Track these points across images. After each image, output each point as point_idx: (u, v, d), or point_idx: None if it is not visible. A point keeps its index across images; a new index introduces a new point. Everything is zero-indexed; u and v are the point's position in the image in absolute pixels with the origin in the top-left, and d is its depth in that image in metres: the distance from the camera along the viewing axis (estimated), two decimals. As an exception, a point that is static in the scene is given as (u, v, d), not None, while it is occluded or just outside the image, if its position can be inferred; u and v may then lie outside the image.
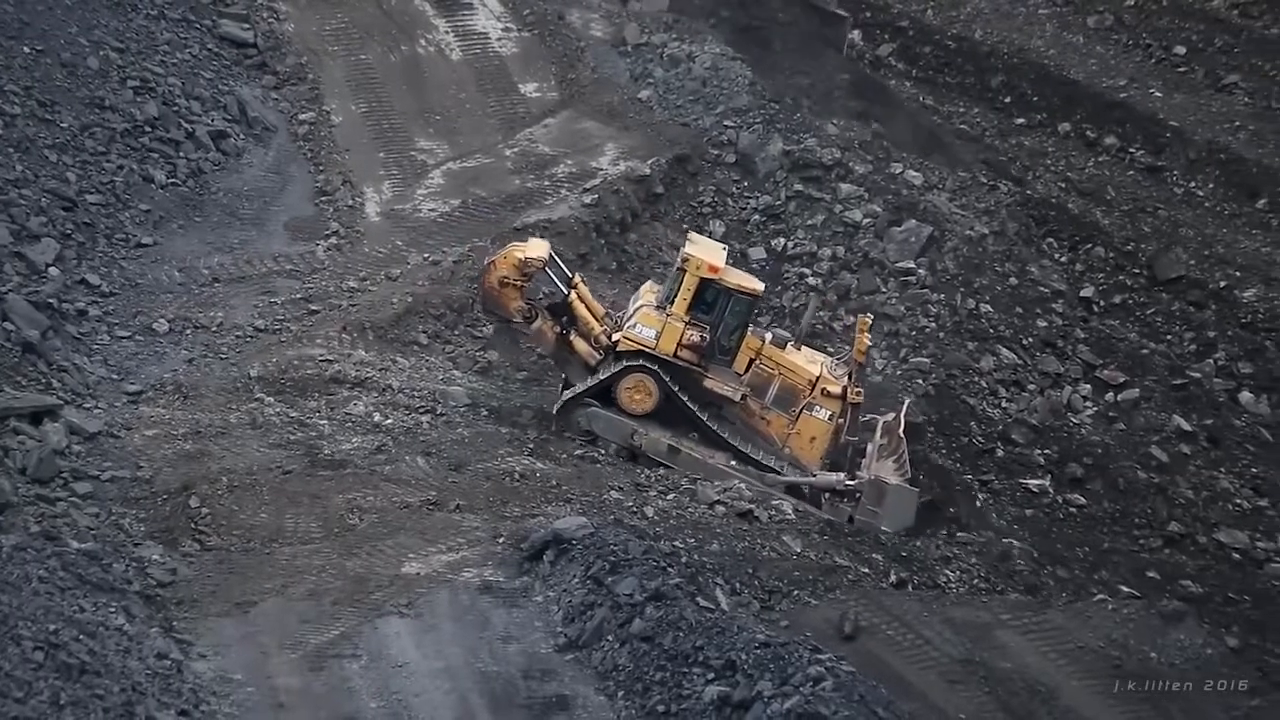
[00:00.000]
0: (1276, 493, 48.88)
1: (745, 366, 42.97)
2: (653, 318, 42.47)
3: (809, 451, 43.08)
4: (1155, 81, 65.81)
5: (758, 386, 43.10)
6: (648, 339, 42.28)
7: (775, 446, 43.09)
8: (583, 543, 34.60)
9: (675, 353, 42.26)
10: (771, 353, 43.06)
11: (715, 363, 42.74)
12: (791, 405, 43.07)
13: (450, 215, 49.85)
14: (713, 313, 42.45)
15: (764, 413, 43.17)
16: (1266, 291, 56.52)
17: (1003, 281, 52.72)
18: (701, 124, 54.27)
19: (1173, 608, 39.22)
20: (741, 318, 42.81)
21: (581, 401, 42.64)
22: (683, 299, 42.24)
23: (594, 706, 31.50)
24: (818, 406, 42.83)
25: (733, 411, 43.18)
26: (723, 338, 42.68)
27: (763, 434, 43.23)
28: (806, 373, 42.99)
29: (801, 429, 43.04)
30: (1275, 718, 36.51)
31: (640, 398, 42.52)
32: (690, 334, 42.15)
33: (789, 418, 43.08)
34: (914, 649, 36.12)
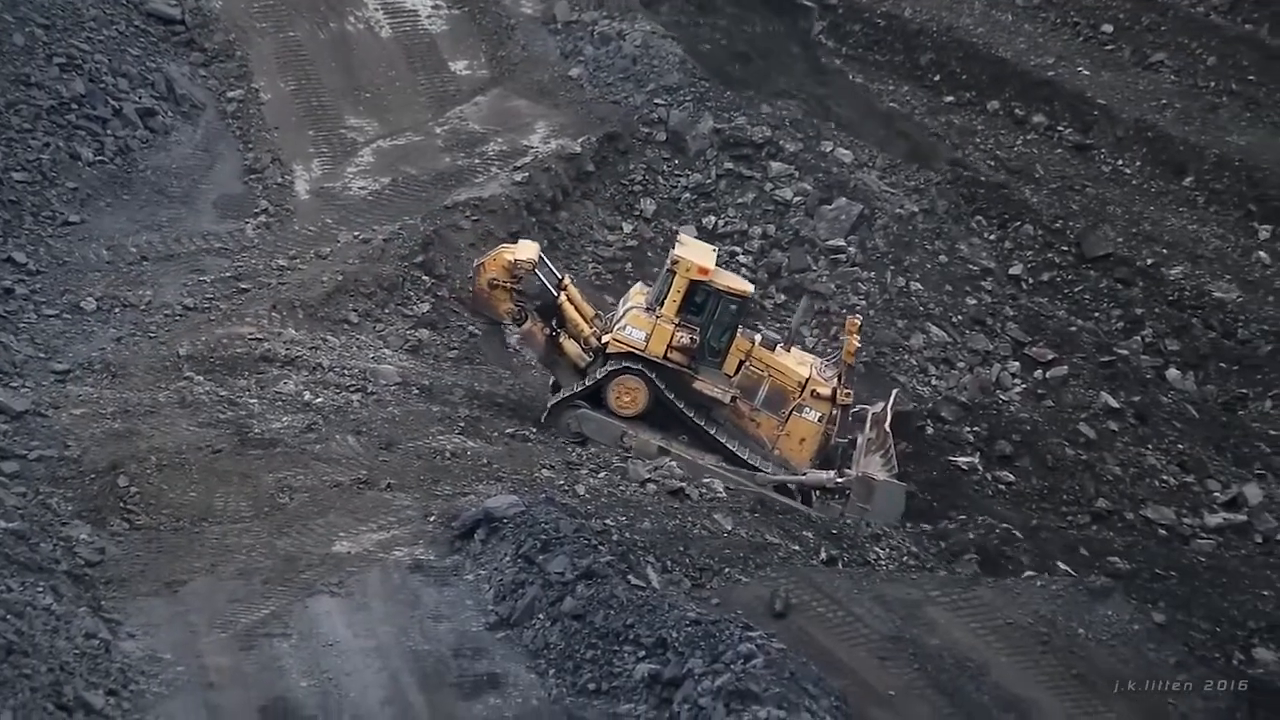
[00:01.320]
0: (1202, 469, 49.26)
1: (735, 368, 42.95)
2: (642, 320, 42.42)
3: (799, 453, 43.15)
4: (1083, 60, 66.14)
5: (747, 388, 43.10)
6: (637, 341, 42.25)
7: (765, 448, 43.17)
8: (514, 521, 34.53)
9: (665, 354, 42.23)
10: (761, 354, 43.08)
11: (705, 364, 42.73)
12: (781, 407, 43.07)
13: (380, 193, 49.69)
14: (702, 314, 42.41)
15: (754, 414, 43.17)
16: (1193, 269, 56.95)
17: (932, 259, 52.94)
18: (632, 102, 54.23)
19: (1100, 584, 39.38)
20: (731, 319, 42.75)
21: (571, 404, 42.64)
22: (672, 301, 42.20)
23: (525, 684, 31.48)
24: (807, 408, 42.85)
25: (722, 413, 43.17)
26: (712, 339, 42.64)
27: (753, 435, 43.28)
28: (796, 374, 43.01)
29: (791, 430, 43.06)
30: (1202, 693, 36.75)
31: (630, 400, 42.51)
32: (680, 336, 42.13)
33: (779, 419, 43.09)
34: (844, 626, 36.20)
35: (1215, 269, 57.26)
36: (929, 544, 41.93)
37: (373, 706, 30.53)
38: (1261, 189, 60.25)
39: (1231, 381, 53.28)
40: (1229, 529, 47.62)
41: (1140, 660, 37.12)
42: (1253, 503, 48.57)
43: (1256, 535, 47.80)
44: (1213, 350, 53.95)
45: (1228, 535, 47.38)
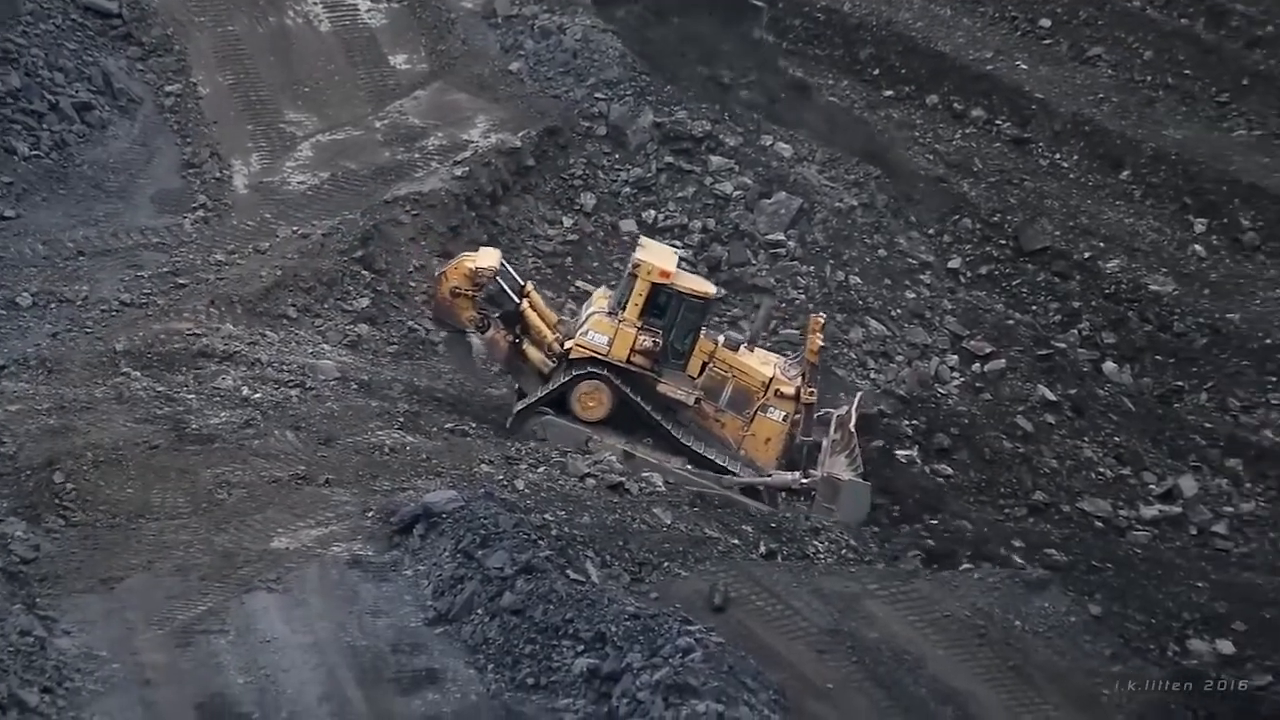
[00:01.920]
0: (1138, 461, 49.56)
1: (699, 370, 43.12)
2: (605, 324, 42.48)
3: (764, 453, 43.30)
4: (1021, 54, 66.31)
5: (711, 389, 43.28)
6: (600, 345, 42.33)
7: (731, 449, 43.29)
8: (453, 516, 34.55)
9: (628, 359, 42.32)
10: (725, 355, 43.24)
11: (669, 367, 42.87)
12: (746, 407, 43.26)
13: (319, 188, 49.58)
14: (665, 317, 42.54)
15: (719, 415, 43.34)
16: (1129, 262, 57.19)
17: (871, 253, 53.09)
18: (572, 96, 54.22)
19: (1037, 576, 39.62)
20: (694, 322, 42.91)
21: (536, 410, 42.63)
22: (634, 304, 42.29)
23: (463, 680, 31.52)
24: (772, 408, 43.04)
25: (687, 415, 43.30)
26: (676, 342, 42.79)
27: (718, 436, 43.42)
28: (760, 374, 43.18)
29: (756, 430, 43.25)
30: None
31: (594, 405, 42.56)
32: (643, 339, 42.23)
33: (743, 420, 43.28)
34: (783, 619, 36.32)
35: (1151, 262, 57.52)
36: (876, 541, 42.08)
37: (310, 703, 30.52)
38: (1197, 183, 60.53)
39: (1167, 374, 53.56)
40: (1164, 521, 47.95)
41: (1076, 652, 37.40)
42: (1188, 495, 48.90)
43: (1191, 527, 48.14)
44: (1149, 343, 54.23)
45: (1163, 527, 47.71)
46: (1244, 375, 53.56)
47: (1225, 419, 52.29)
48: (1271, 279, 57.53)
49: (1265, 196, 59.87)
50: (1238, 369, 53.71)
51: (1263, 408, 52.77)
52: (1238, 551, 47.74)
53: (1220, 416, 52.37)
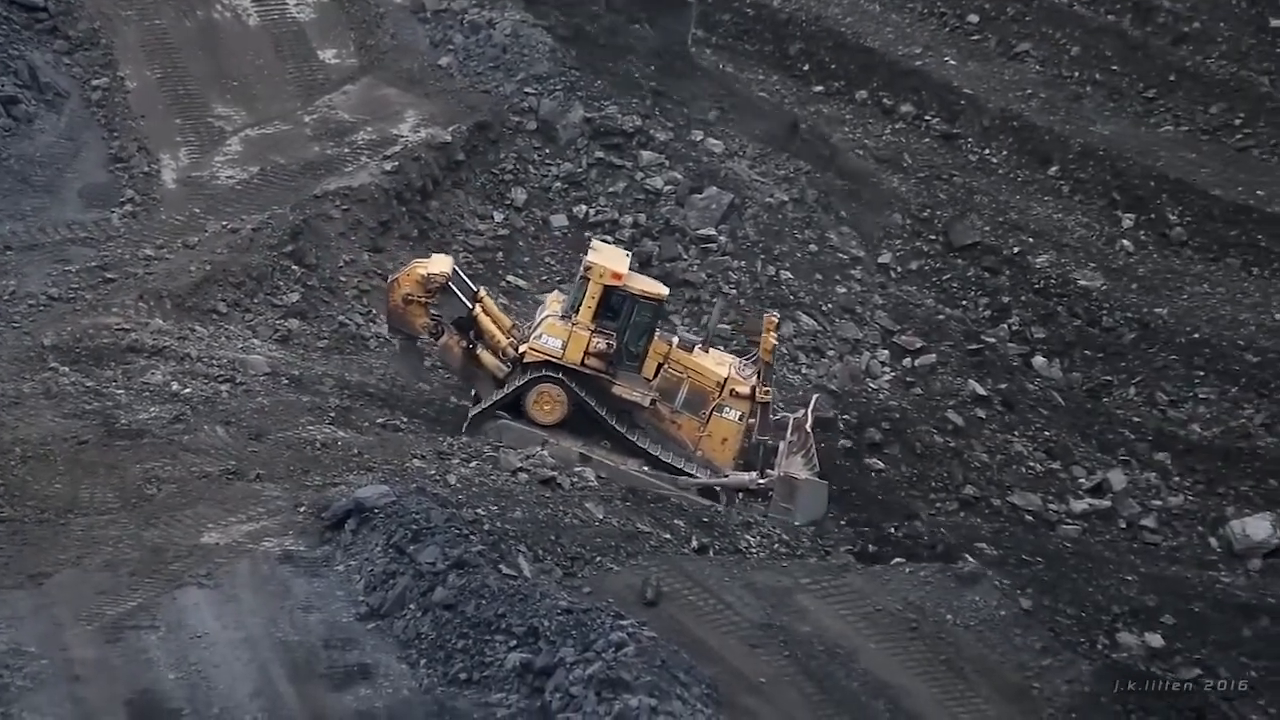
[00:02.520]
0: (1068, 455, 49.81)
1: (654, 371, 43.21)
2: (558, 328, 42.53)
3: (721, 453, 43.41)
4: (950, 49, 66.52)
5: (667, 391, 43.38)
6: (554, 349, 42.38)
7: (688, 449, 43.33)
8: (385, 511, 34.47)
9: (582, 361, 42.37)
10: (679, 356, 43.36)
11: (623, 369, 42.91)
12: (701, 408, 43.39)
13: (249, 182, 49.30)
14: (618, 320, 42.59)
15: (674, 416, 43.44)
16: (1058, 257, 57.45)
17: (802, 248, 53.17)
18: (502, 91, 54.05)
19: (968, 570, 39.79)
20: (648, 323, 42.99)
21: (491, 415, 42.54)
22: (587, 307, 42.37)
23: (396, 675, 31.44)
24: (727, 407, 43.18)
25: (643, 417, 43.37)
26: (630, 344, 42.89)
27: (674, 438, 43.49)
28: (714, 375, 43.29)
29: (712, 431, 43.38)
30: (1066, 677, 37.18)
31: (549, 408, 42.56)
32: (596, 342, 42.29)
33: (699, 420, 43.41)
34: (715, 614, 36.37)
35: (1080, 257, 57.80)
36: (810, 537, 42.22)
37: (242, 698, 30.39)
38: (1125, 178, 60.86)
39: (1096, 369, 53.84)
40: (1094, 515, 48.22)
41: (1007, 646, 37.55)
42: (1117, 488, 49.19)
43: (1120, 520, 48.44)
44: (1078, 338, 54.50)
45: (1093, 521, 47.98)
46: (1172, 369, 53.89)
47: (1154, 413, 52.61)
48: (1198, 274, 57.91)
49: (1192, 192, 60.24)
50: (1166, 363, 54.04)
51: (1190, 402, 53.11)
52: (1166, 545, 48.06)
53: (1149, 410, 52.69)
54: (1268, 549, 47.87)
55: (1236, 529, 48.34)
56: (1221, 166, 61.94)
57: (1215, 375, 53.89)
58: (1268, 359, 54.06)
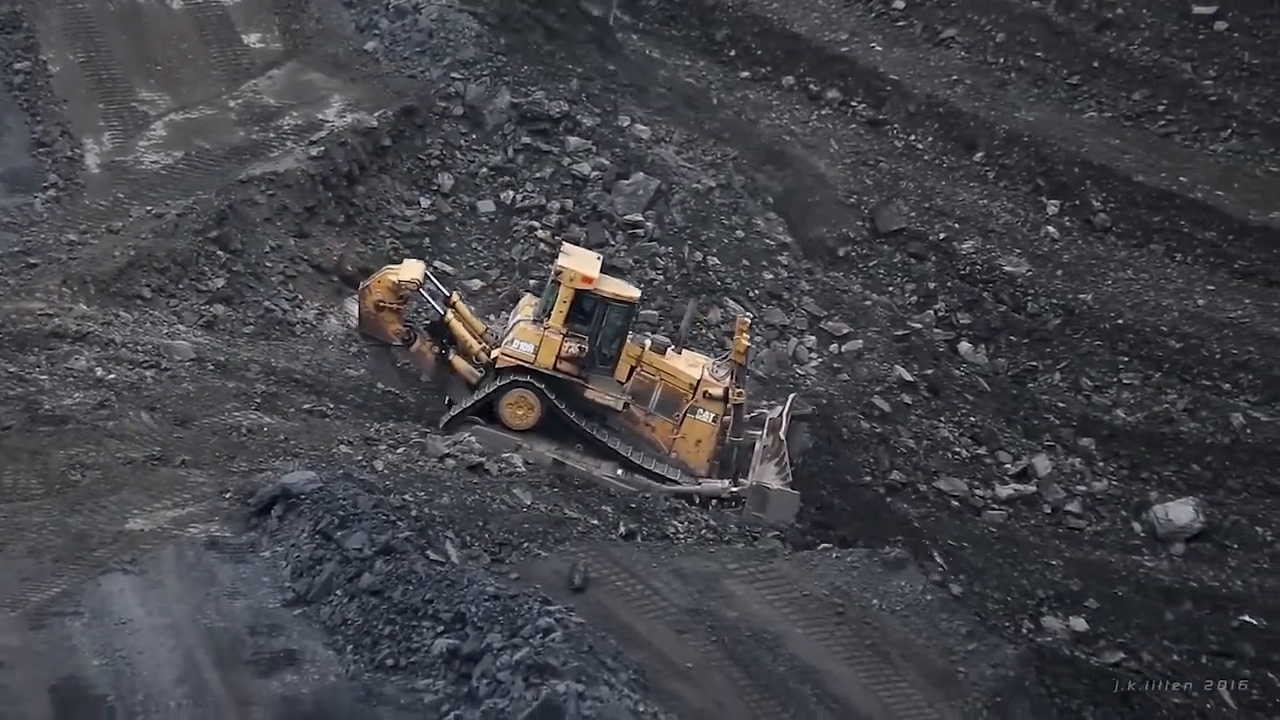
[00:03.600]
0: (994, 441, 50.06)
1: (627, 374, 43.34)
2: (530, 332, 42.63)
3: (695, 455, 43.52)
4: (875, 36, 66.73)
5: (640, 393, 43.54)
6: (526, 354, 42.49)
7: (662, 452, 43.40)
8: (311, 497, 34.31)
9: (555, 366, 42.52)
10: (652, 359, 43.50)
11: (596, 373, 43.03)
12: (675, 410, 43.54)
13: (173, 167, 48.93)
14: (590, 323, 42.66)
15: (648, 419, 43.58)
16: (984, 243, 57.76)
17: (729, 234, 53.23)
18: (429, 76, 53.84)
19: (894, 555, 39.92)
20: (619, 326, 43.11)
21: (465, 420, 42.50)
22: (559, 311, 42.47)
23: (322, 661, 31.34)
24: (701, 409, 43.31)
25: (617, 420, 43.49)
26: (602, 347, 43.02)
27: (648, 440, 43.61)
28: (688, 377, 43.42)
29: (686, 433, 43.52)
30: (992, 661, 37.37)
31: (522, 413, 42.65)
32: (569, 346, 42.41)
33: (673, 422, 43.55)
34: (643, 599, 36.41)
35: (1005, 243, 58.12)
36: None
37: (167, 685, 30.23)
38: (1049, 165, 61.21)
39: (1021, 354, 54.17)
40: (1019, 500, 48.50)
41: (933, 630, 37.71)
42: (1042, 474, 49.48)
43: (1045, 505, 48.74)
44: (1003, 324, 54.80)
45: (1018, 506, 48.27)
46: (1096, 355, 54.27)
47: (1078, 399, 52.98)
48: (1122, 260, 58.30)
49: (1116, 178, 60.66)
50: (1090, 349, 54.41)
51: (1114, 387, 53.49)
52: (1090, 530, 48.40)
53: (1073, 396, 53.05)
54: (1190, 534, 48.29)
55: (1160, 514, 48.73)
56: (1144, 153, 62.38)
57: (1139, 361, 54.31)
58: (1190, 345, 54.51)
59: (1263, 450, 51.25)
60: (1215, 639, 43.78)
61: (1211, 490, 50.18)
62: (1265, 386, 53.57)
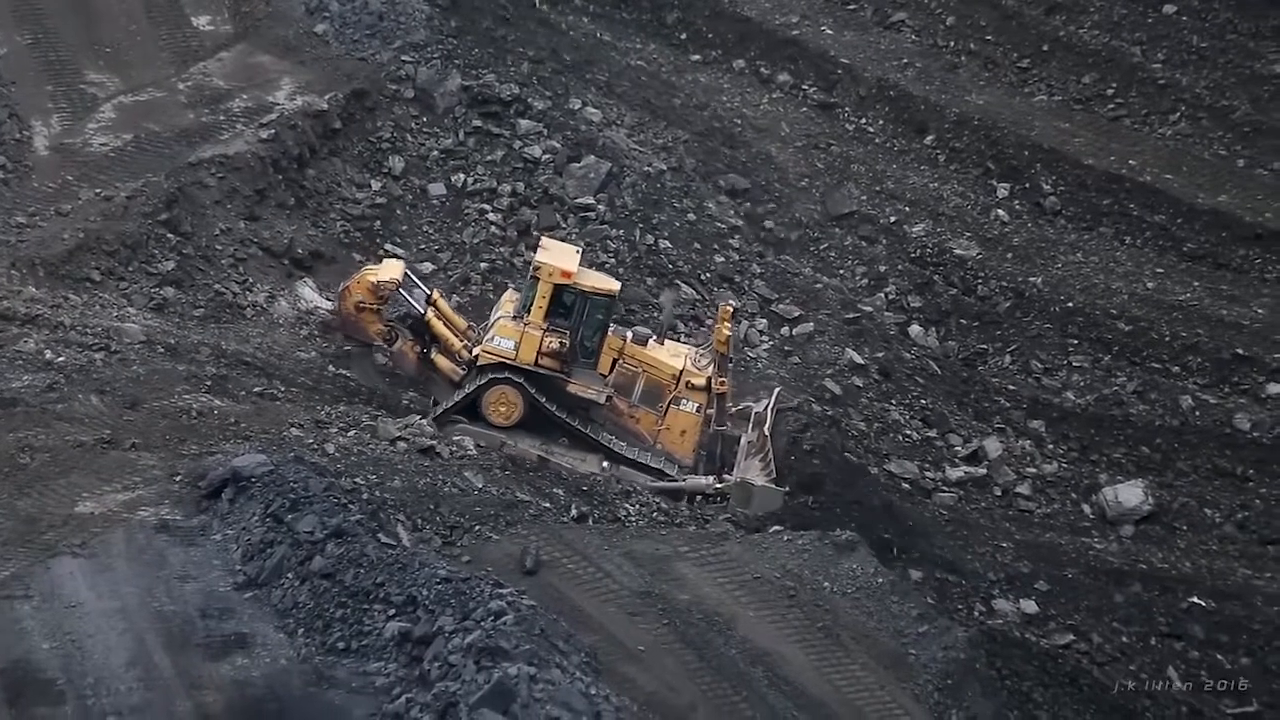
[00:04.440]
0: (944, 424, 50.18)
1: (609, 367, 43.45)
2: (510, 329, 42.78)
3: (680, 445, 43.69)
4: (826, 19, 66.71)
5: (623, 386, 43.69)
6: (507, 350, 42.63)
7: (647, 443, 43.48)
8: (262, 480, 34.31)
9: (536, 361, 42.65)
10: (634, 351, 43.72)
11: (579, 366, 43.17)
12: (658, 401, 43.76)
13: (123, 150, 48.65)
14: (571, 317, 42.83)
15: (632, 411, 43.75)
16: (934, 226, 57.87)
17: (681, 217, 53.23)
18: (379, 59, 53.65)
19: (845, 538, 40.00)
20: (600, 319, 43.31)
21: (449, 419, 42.46)
22: (539, 307, 42.64)
23: (273, 644, 31.31)
24: (684, 400, 43.55)
25: (601, 413, 43.58)
26: (584, 341, 43.23)
27: (633, 432, 43.78)
28: (670, 367, 43.66)
29: (670, 423, 43.73)
30: (943, 643, 37.51)
31: (506, 409, 42.79)
32: (549, 341, 42.57)
33: (657, 414, 43.74)
34: (594, 582, 36.48)
35: (956, 226, 58.23)
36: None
37: (117, 668, 30.18)
38: (999, 148, 61.32)
39: (972, 337, 54.29)
40: (969, 483, 48.59)
41: (884, 613, 37.86)
42: (992, 456, 49.62)
43: (995, 488, 48.86)
44: (954, 307, 54.91)
45: (968, 489, 48.37)
46: (1046, 338, 54.43)
47: (1028, 381, 53.13)
48: (1072, 243, 58.45)
49: (1065, 161, 60.80)
50: (1040, 332, 54.56)
51: (1064, 370, 53.64)
52: (1041, 512, 48.54)
53: (1023, 379, 53.20)
54: (1139, 516, 48.48)
55: (1109, 496, 48.91)
56: (1094, 136, 62.55)
57: (1088, 344, 54.49)
58: (1139, 327, 54.70)
59: (1211, 432, 51.46)
60: (1164, 621, 43.97)
61: (1160, 472, 50.39)
62: (1214, 369, 53.78)
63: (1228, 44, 65.50)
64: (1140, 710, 40.28)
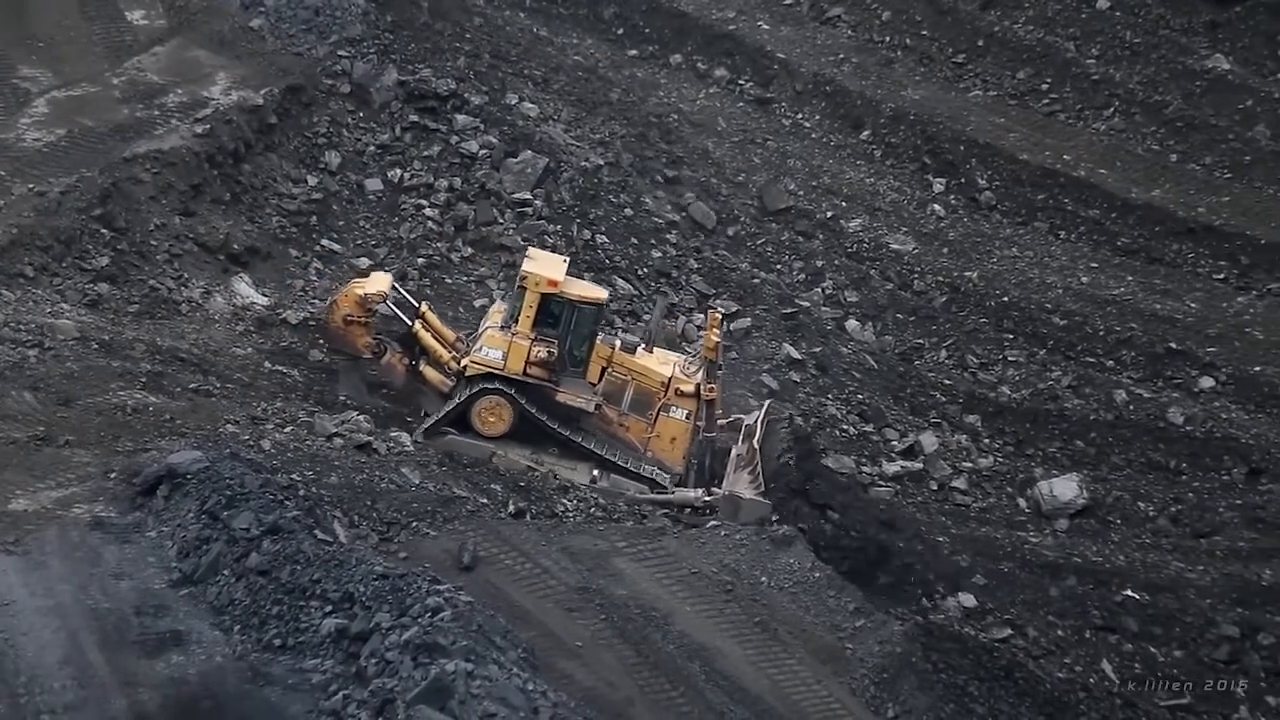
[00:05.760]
0: (881, 418, 50.32)
1: (598, 376, 43.27)
2: (498, 339, 42.67)
3: (671, 452, 43.59)
4: (762, 14, 66.92)
5: (612, 394, 43.55)
6: (495, 360, 42.44)
7: (637, 451, 43.43)
8: (197, 477, 34.12)
9: (524, 371, 42.43)
10: (622, 359, 43.54)
11: (568, 375, 42.99)
12: (648, 409, 43.60)
13: (56, 145, 48.36)
14: (559, 327, 42.65)
15: (622, 419, 43.60)
16: (870, 221, 58.07)
17: (618, 212, 53.26)
18: (315, 53, 53.51)
19: (782, 533, 40.10)
20: (588, 328, 43.12)
21: (439, 430, 42.37)
22: (526, 317, 42.50)
23: (209, 641, 31.16)
24: (674, 407, 43.39)
25: (590, 422, 43.41)
26: (572, 350, 43.01)
27: (623, 440, 43.61)
28: (659, 375, 43.50)
29: (661, 431, 43.56)
30: (879, 638, 37.63)
31: (494, 420, 42.62)
32: (537, 351, 42.38)
33: (647, 421, 43.57)
34: (532, 578, 36.45)
35: (892, 221, 58.47)
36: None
37: (51, 666, 29.97)
38: (935, 143, 61.63)
39: (908, 332, 54.50)
40: (906, 476, 48.74)
41: (820, 607, 37.94)
42: (928, 450, 49.80)
43: (932, 482, 49.02)
44: (890, 301, 55.10)
45: (905, 483, 48.49)
46: (982, 333, 54.68)
47: (964, 376, 53.35)
48: (1007, 238, 58.77)
49: (1000, 156, 61.15)
50: (976, 326, 54.81)
51: (1000, 364, 53.89)
52: (977, 506, 48.74)
53: (959, 373, 53.43)
54: (1074, 509, 48.75)
55: (1044, 490, 49.17)
56: (1029, 131, 62.93)
57: (1024, 338, 54.77)
58: (1074, 322, 55.01)
59: (1145, 426, 51.76)
60: (1098, 614, 44.19)
61: (1095, 466, 50.67)
62: (1147, 363, 54.12)
63: (1160, 40, 65.96)
64: (1074, 703, 40.46)
